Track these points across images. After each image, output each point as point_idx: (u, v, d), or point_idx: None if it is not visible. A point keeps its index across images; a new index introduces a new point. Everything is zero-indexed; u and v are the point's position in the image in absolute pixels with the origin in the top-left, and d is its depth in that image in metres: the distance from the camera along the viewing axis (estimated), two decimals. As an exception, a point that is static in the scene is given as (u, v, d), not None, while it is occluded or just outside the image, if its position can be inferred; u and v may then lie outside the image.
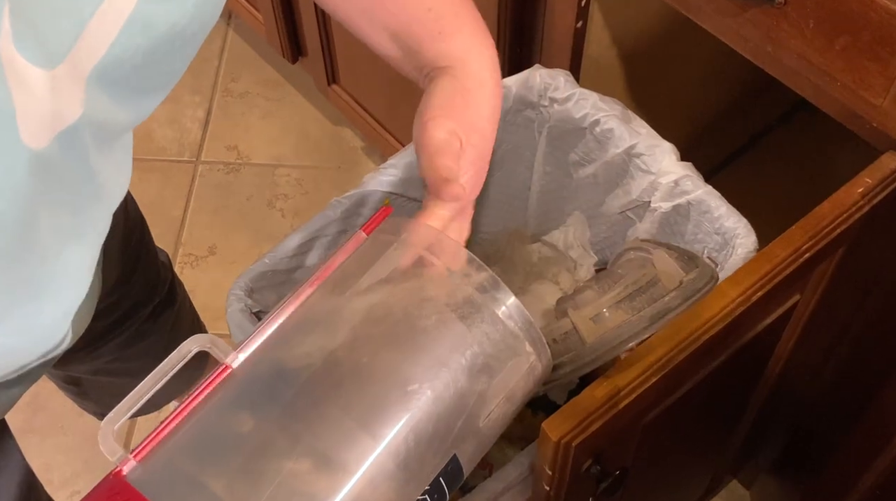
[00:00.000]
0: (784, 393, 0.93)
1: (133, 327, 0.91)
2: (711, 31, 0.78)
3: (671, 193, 0.76)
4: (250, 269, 0.72)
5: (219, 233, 1.58)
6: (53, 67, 0.37)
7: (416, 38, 0.59)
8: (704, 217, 0.74)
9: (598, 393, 0.58)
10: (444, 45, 0.59)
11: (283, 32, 1.48)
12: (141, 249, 0.88)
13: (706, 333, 0.61)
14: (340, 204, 0.76)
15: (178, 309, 0.98)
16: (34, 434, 1.38)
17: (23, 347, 0.52)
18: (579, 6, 0.91)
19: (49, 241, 0.45)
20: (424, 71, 0.59)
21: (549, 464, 0.59)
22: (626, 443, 0.67)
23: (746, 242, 0.71)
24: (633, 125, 0.78)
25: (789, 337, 0.80)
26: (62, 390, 1.04)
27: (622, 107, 0.78)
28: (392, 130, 1.41)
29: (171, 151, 1.69)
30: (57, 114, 0.39)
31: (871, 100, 0.69)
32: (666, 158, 0.76)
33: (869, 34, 0.66)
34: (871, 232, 0.70)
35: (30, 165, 0.38)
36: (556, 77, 0.80)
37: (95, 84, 0.40)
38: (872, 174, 0.68)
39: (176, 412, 0.43)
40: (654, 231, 0.80)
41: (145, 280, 0.90)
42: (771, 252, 0.65)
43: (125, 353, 0.93)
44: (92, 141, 0.43)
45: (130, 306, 0.90)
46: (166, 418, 0.43)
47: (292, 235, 0.74)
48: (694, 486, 1.08)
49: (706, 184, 0.75)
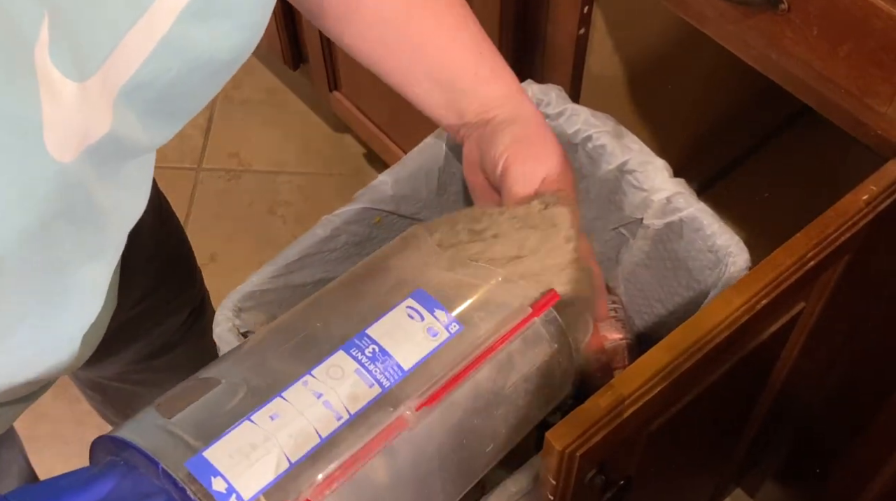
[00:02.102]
0: (789, 401, 0.93)
1: (165, 336, 0.91)
2: (715, 38, 0.78)
3: (664, 210, 0.76)
4: (238, 289, 0.71)
5: (220, 241, 1.58)
6: (84, 80, 0.37)
7: (462, 83, 0.59)
8: (697, 234, 0.74)
9: (602, 403, 0.57)
10: (491, 86, 0.59)
11: (284, 39, 1.48)
12: (178, 256, 0.88)
13: (711, 341, 0.61)
14: (330, 222, 0.74)
15: (208, 321, 0.98)
16: (35, 442, 1.38)
17: (35, 361, 0.52)
18: (581, 13, 0.91)
19: (70, 257, 0.45)
20: (467, 118, 0.59)
21: (554, 474, 0.58)
22: (631, 452, 0.67)
23: (739, 260, 0.70)
24: (626, 141, 0.77)
25: (794, 345, 0.80)
26: (85, 397, 1.03)
27: (614, 123, 0.78)
28: (394, 137, 1.41)
29: (172, 158, 1.68)
30: (84, 129, 0.39)
31: (875, 108, 0.69)
32: (658, 175, 0.76)
33: (873, 41, 0.65)
34: (876, 239, 0.70)
35: (56, 179, 0.38)
36: (547, 92, 0.80)
37: (125, 102, 0.40)
38: (877, 181, 0.68)
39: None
40: (647, 248, 0.80)
41: (178, 289, 0.90)
42: (776, 259, 0.64)
43: (153, 363, 0.92)
44: (115, 160, 0.43)
45: (163, 314, 0.89)
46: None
47: (280, 255, 0.73)
48: (698, 494, 1.08)
49: (699, 202, 0.75)
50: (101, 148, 0.40)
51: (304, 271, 0.74)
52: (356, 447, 0.42)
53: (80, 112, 0.38)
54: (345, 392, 0.44)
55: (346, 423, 0.43)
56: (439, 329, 0.48)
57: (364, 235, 0.76)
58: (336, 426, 0.42)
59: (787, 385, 0.87)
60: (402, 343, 0.47)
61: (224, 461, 0.40)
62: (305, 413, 0.42)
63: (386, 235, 0.78)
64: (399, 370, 0.46)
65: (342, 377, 0.44)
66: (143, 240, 0.53)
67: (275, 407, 0.42)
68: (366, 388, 0.44)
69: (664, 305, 0.83)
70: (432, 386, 0.46)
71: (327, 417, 0.43)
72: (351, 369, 0.45)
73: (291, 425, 0.42)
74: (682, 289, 0.79)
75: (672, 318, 0.81)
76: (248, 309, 0.71)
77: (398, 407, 0.44)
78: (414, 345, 0.47)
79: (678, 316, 0.79)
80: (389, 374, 0.45)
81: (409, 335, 0.47)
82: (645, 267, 0.82)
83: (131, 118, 0.41)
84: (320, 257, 0.75)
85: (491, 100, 0.59)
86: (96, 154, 0.40)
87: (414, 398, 0.45)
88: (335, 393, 0.44)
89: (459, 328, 0.48)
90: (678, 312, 0.80)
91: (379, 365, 0.45)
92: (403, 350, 0.46)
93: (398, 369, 0.46)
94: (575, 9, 0.90)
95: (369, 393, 0.44)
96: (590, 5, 0.91)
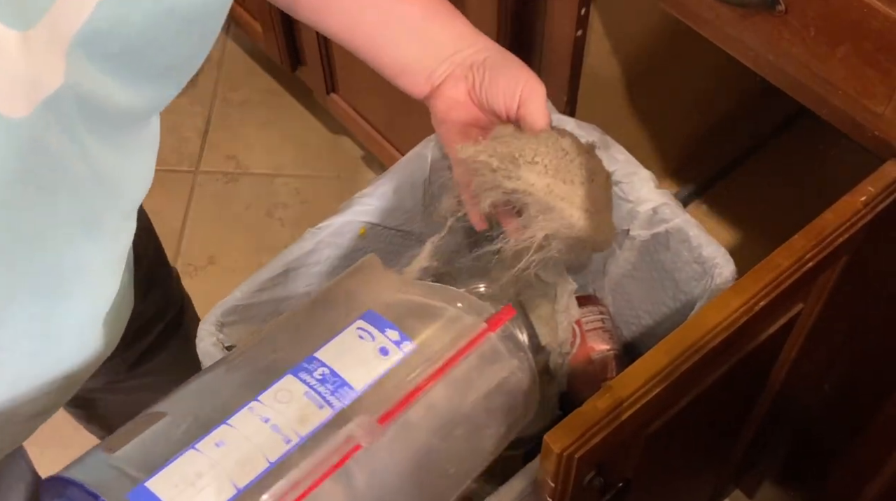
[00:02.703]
0: (787, 403, 0.93)
1: (149, 343, 0.91)
2: (712, 40, 0.78)
3: (650, 222, 0.76)
4: (220, 303, 0.70)
5: (218, 243, 1.58)
6: (27, 29, 0.35)
7: (428, 35, 0.64)
8: (683, 246, 0.74)
9: (600, 405, 0.57)
10: (460, 21, 0.65)
11: (281, 41, 1.48)
12: (155, 266, 0.87)
13: (709, 343, 0.61)
14: (314, 234, 0.73)
15: (188, 324, 0.98)
16: (34, 447, 1.37)
17: (42, 354, 0.50)
18: (579, 15, 0.91)
19: (49, 231, 0.43)
20: (448, 57, 0.64)
21: (552, 476, 0.58)
22: (629, 454, 0.67)
23: (725, 271, 0.70)
24: (612, 152, 0.77)
25: (792, 347, 0.80)
26: (68, 413, 1.03)
27: (600, 133, 0.78)
28: (391, 139, 1.40)
29: (170, 161, 1.68)
30: (32, 80, 0.37)
31: (873, 109, 0.69)
32: (644, 186, 0.76)
33: (870, 42, 0.65)
34: (874, 240, 0.70)
35: (9, 136, 0.36)
36: None
37: (81, 52, 0.38)
38: (875, 183, 0.68)
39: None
40: (634, 259, 0.80)
41: (160, 296, 0.90)
42: (774, 261, 0.64)
43: (139, 370, 0.92)
44: (82, 118, 0.41)
45: (144, 323, 0.89)
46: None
47: (264, 268, 0.72)
48: (697, 496, 1.08)
49: (685, 212, 0.75)
50: (61, 102, 0.39)
51: (289, 284, 0.73)
52: (306, 469, 0.41)
53: (26, 62, 0.36)
54: (293, 415, 0.42)
55: (296, 446, 0.42)
56: (391, 348, 0.47)
57: (349, 247, 0.75)
58: (285, 449, 0.41)
59: (786, 386, 0.87)
60: (353, 364, 0.46)
61: (168, 490, 0.39)
62: (253, 438, 0.41)
63: (371, 247, 0.77)
64: (350, 391, 0.44)
65: (290, 400, 0.43)
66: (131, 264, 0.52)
67: (220, 435, 0.41)
68: (316, 410, 0.43)
69: (651, 316, 0.83)
70: (385, 405, 0.45)
71: (276, 441, 0.41)
72: (300, 392, 0.44)
73: (238, 451, 0.41)
74: (669, 300, 0.79)
75: (660, 329, 0.81)
76: (232, 324, 0.70)
77: (350, 428, 0.43)
78: (365, 366, 0.46)
79: (666, 327, 0.79)
80: (340, 395, 0.44)
81: (359, 356, 0.46)
82: (632, 278, 0.82)
83: (93, 71, 0.39)
84: (305, 270, 0.74)
85: (462, 37, 0.64)
86: (57, 108, 0.39)
87: (366, 418, 0.44)
88: (283, 416, 0.42)
89: (413, 346, 0.47)
90: (665, 323, 0.80)
91: (329, 387, 0.44)
92: (354, 371, 0.45)
93: (349, 390, 0.44)
94: (572, 10, 0.90)
95: (320, 415, 0.43)
96: (587, 7, 0.91)
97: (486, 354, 0.50)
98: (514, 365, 0.52)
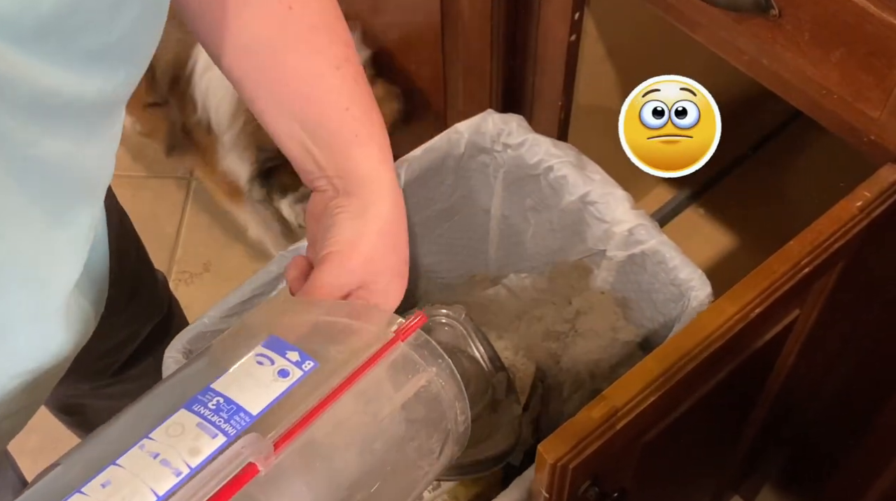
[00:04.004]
0: (785, 409, 0.93)
1: (134, 348, 0.90)
2: (707, 45, 0.77)
3: (626, 242, 0.76)
4: (188, 329, 0.69)
5: (213, 250, 1.57)
6: None
7: (328, 134, 0.56)
8: (659, 267, 0.73)
9: (594, 414, 0.57)
10: (357, 151, 0.56)
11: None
12: (140, 270, 0.87)
13: (705, 351, 0.61)
14: (284, 257, 0.72)
15: (176, 330, 0.97)
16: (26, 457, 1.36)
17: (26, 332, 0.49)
18: (573, 20, 0.90)
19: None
20: (326, 172, 0.57)
21: (546, 487, 0.58)
22: (625, 463, 0.66)
23: (700, 294, 0.70)
24: (587, 171, 0.77)
25: (789, 353, 0.80)
26: (57, 418, 1.02)
27: (576, 153, 0.78)
28: (386, 145, 1.40)
29: (165, 167, 1.68)
30: None
31: (867, 113, 0.68)
32: (619, 206, 0.75)
33: (865, 46, 0.65)
34: (870, 245, 0.70)
35: None
36: (508, 122, 0.79)
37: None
38: (871, 187, 0.67)
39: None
40: (612, 280, 0.79)
41: (146, 301, 0.89)
42: (769, 267, 0.64)
43: (125, 375, 0.92)
44: (25, 105, 0.39)
45: (129, 328, 0.88)
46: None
47: (232, 293, 0.71)
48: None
49: (661, 234, 0.74)
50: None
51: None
52: (199, 497, 0.40)
53: None
54: (185, 447, 0.42)
55: (187, 477, 0.41)
56: (291, 369, 0.46)
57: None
58: (175, 482, 0.40)
59: (783, 392, 0.86)
60: (250, 389, 0.44)
61: None
62: (140, 474, 0.41)
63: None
64: (247, 416, 0.43)
65: (182, 434, 0.42)
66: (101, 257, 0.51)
67: (107, 475, 0.41)
68: (209, 440, 0.42)
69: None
70: (284, 424, 0.43)
71: (164, 474, 0.41)
72: (192, 424, 0.43)
73: (124, 489, 0.40)
74: (646, 322, 0.79)
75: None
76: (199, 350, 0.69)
77: (235, 448, 0.42)
78: (262, 389, 0.45)
79: (645, 349, 0.79)
80: (236, 422, 0.43)
81: (257, 380, 0.45)
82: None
83: (9, 54, 0.37)
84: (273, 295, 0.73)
85: (354, 168, 0.56)
86: None
87: (253, 435, 0.42)
88: (174, 450, 0.41)
89: (314, 365, 0.46)
90: (644, 344, 0.80)
91: (223, 415, 0.43)
92: (251, 395, 0.44)
93: (245, 415, 0.43)
94: (566, 15, 0.90)
95: (213, 445, 0.42)
96: (581, 12, 0.91)
97: (397, 364, 0.49)
98: (433, 374, 0.50)
